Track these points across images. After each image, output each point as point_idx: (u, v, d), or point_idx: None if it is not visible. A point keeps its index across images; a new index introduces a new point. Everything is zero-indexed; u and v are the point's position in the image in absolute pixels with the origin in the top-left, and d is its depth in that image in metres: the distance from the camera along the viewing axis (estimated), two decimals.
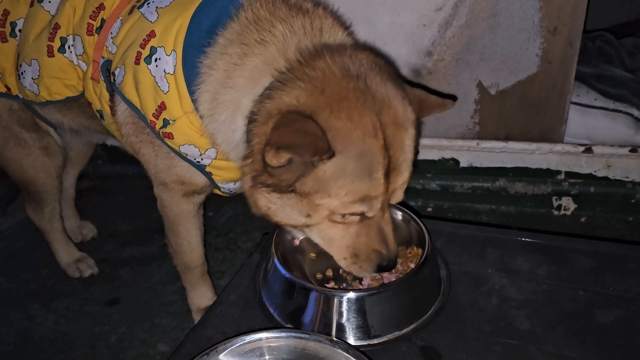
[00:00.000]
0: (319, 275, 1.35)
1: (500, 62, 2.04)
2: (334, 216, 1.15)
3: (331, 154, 1.06)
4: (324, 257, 1.29)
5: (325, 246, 1.23)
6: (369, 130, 1.08)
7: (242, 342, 1.03)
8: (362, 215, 1.16)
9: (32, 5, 1.53)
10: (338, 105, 1.08)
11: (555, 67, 2.01)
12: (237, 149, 1.27)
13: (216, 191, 1.52)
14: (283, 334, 1.06)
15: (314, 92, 1.09)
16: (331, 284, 1.32)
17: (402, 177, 1.16)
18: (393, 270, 1.33)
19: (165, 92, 1.28)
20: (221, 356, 1.00)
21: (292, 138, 1.04)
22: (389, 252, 1.20)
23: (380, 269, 1.21)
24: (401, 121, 1.14)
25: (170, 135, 1.32)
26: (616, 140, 2.16)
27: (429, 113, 1.26)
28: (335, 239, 1.20)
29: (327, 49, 1.17)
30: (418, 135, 1.21)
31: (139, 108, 1.34)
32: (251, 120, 1.17)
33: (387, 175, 1.12)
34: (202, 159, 1.36)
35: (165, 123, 1.30)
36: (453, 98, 1.35)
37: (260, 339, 1.04)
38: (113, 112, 1.44)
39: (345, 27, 1.31)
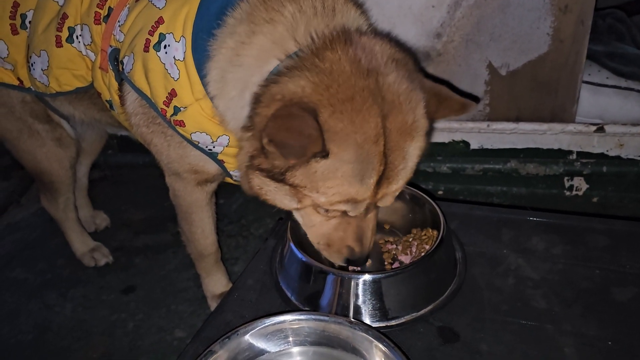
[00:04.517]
0: None
1: (511, 42, 2.01)
2: (318, 208, 1.16)
3: (324, 155, 1.05)
4: None
5: (304, 228, 1.25)
6: (370, 136, 1.05)
7: (264, 325, 1.04)
8: (345, 212, 1.16)
9: None
10: (342, 106, 1.04)
11: (566, 46, 1.99)
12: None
13: (228, 180, 1.52)
14: (303, 317, 1.07)
15: (319, 86, 1.05)
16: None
17: (396, 185, 1.14)
18: (409, 252, 1.34)
19: (175, 79, 1.28)
20: (246, 337, 1.01)
21: (284, 136, 1.02)
22: (362, 250, 1.21)
23: (349, 262, 1.23)
24: (408, 129, 1.10)
25: (181, 123, 1.31)
26: (628, 119, 2.13)
27: (446, 114, 1.18)
28: (315, 226, 1.22)
29: (340, 35, 1.12)
30: (428, 142, 1.16)
31: (149, 96, 1.33)
32: (256, 100, 1.15)
33: (380, 181, 1.10)
34: (213, 147, 1.36)
35: (176, 110, 1.30)
36: (475, 100, 1.31)
37: (284, 321, 1.05)
38: (122, 101, 1.43)
39: (359, 5, 1.27)
